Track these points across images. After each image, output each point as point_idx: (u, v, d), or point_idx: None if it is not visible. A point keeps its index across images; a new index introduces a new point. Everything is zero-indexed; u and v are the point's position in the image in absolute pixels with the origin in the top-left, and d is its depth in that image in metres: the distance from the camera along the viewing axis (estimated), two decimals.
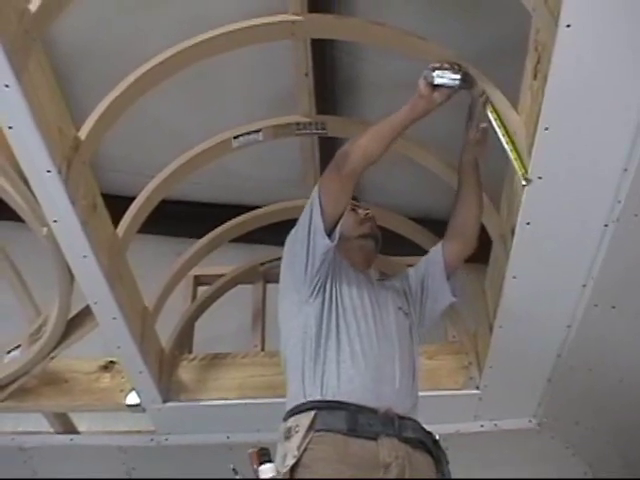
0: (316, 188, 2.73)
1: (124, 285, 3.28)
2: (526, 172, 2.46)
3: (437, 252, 3.02)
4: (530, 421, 3.88)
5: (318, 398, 2.56)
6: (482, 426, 3.92)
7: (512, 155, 2.51)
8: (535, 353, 3.40)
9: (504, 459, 3.96)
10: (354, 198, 3.12)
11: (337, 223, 2.70)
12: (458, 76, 2.56)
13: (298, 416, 2.55)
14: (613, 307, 3.04)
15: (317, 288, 2.74)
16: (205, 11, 3.37)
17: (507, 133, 2.56)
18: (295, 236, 2.80)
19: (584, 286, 2.97)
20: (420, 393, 2.82)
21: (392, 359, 2.70)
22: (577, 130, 2.37)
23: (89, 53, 3.90)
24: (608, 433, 3.77)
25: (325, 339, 2.67)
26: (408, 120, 2.62)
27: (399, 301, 2.94)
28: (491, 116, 2.61)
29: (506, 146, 2.54)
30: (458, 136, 2.84)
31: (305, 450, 2.44)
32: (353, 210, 3.06)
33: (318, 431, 2.48)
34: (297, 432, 2.48)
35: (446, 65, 2.57)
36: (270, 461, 2.50)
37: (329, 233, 2.68)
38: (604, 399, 3.56)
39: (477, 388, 3.71)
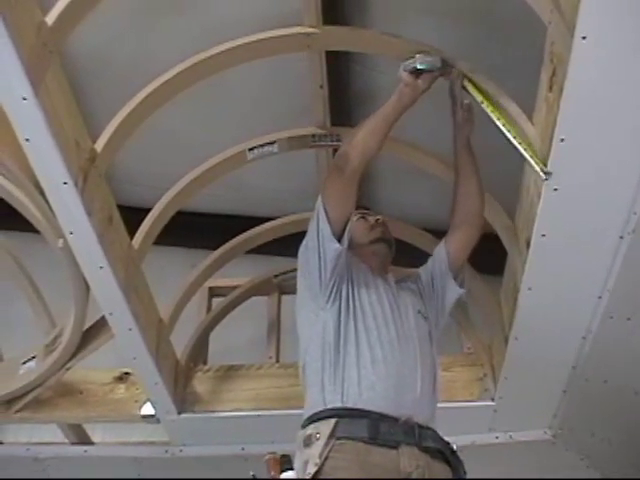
0: (320, 196, 2.75)
1: (139, 296, 3.29)
2: (545, 165, 2.46)
3: (441, 249, 3.02)
4: (545, 433, 3.87)
5: (339, 405, 2.56)
6: (497, 438, 3.91)
7: (520, 145, 2.52)
8: (550, 365, 3.39)
9: (519, 471, 3.94)
10: (365, 207, 3.17)
11: (345, 226, 2.72)
12: (437, 58, 2.65)
13: (318, 423, 2.54)
14: (628, 319, 3.03)
15: (333, 294, 2.74)
16: (219, 24, 3.37)
17: (507, 122, 2.59)
18: (306, 246, 2.81)
19: (599, 298, 2.97)
20: None
21: (414, 366, 2.68)
22: (593, 142, 2.37)
23: (105, 66, 3.91)
24: (623, 445, 3.76)
25: (344, 344, 2.66)
26: (398, 110, 2.69)
27: (418, 304, 2.93)
28: (474, 93, 2.68)
29: (508, 134, 2.56)
30: (477, 149, 2.85)
31: (327, 458, 2.42)
32: (363, 218, 3.08)
33: (339, 439, 2.47)
34: (318, 439, 2.47)
35: (420, 54, 2.66)
36: (291, 468, 2.50)
37: (338, 237, 2.70)
38: (619, 411, 3.55)
39: (492, 400, 3.70)
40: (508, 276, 3.30)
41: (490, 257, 3.46)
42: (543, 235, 2.70)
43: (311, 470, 2.41)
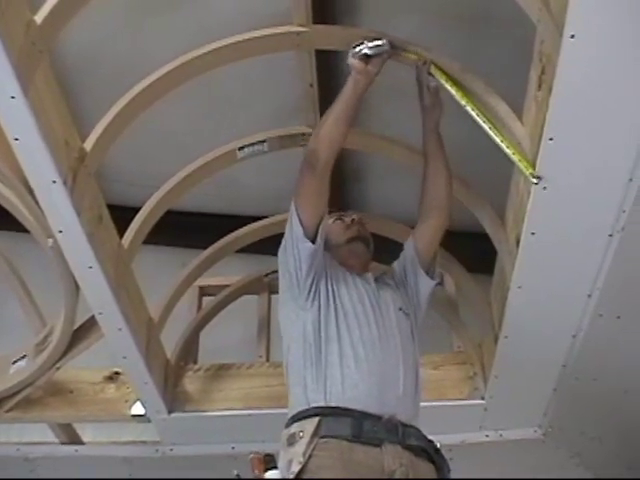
0: (293, 198, 2.79)
1: (129, 296, 3.29)
2: (532, 168, 2.47)
3: (409, 244, 3.05)
4: (535, 431, 3.87)
5: (322, 404, 2.56)
6: (487, 436, 3.91)
7: (504, 146, 2.54)
8: (540, 363, 3.40)
9: (509, 469, 3.94)
10: (340, 209, 3.22)
11: (319, 225, 2.74)
12: (385, 41, 2.69)
13: (301, 422, 2.54)
14: (618, 317, 3.04)
15: (312, 293, 2.76)
16: (210, 23, 3.38)
17: (480, 110, 2.62)
18: (284, 247, 2.84)
19: (589, 296, 2.97)
20: (425, 403, 2.82)
21: (396, 365, 2.68)
22: (582, 140, 2.38)
23: (95, 65, 3.91)
24: (613, 443, 3.77)
25: (326, 343, 2.67)
26: (355, 98, 2.73)
27: (399, 301, 2.93)
28: (442, 79, 2.71)
29: (490, 132, 2.58)
30: (466, 148, 2.85)
31: (310, 457, 2.43)
32: (339, 219, 3.12)
33: (323, 437, 2.47)
34: (302, 438, 2.48)
35: (367, 39, 2.70)
36: (275, 467, 2.50)
37: (312, 237, 2.73)
38: (609, 409, 3.56)
39: (482, 398, 3.70)
40: (498, 275, 3.31)
41: (480, 256, 3.48)
42: (533, 233, 2.70)
43: (295, 469, 2.41)
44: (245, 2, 3.43)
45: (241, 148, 3.41)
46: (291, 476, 2.41)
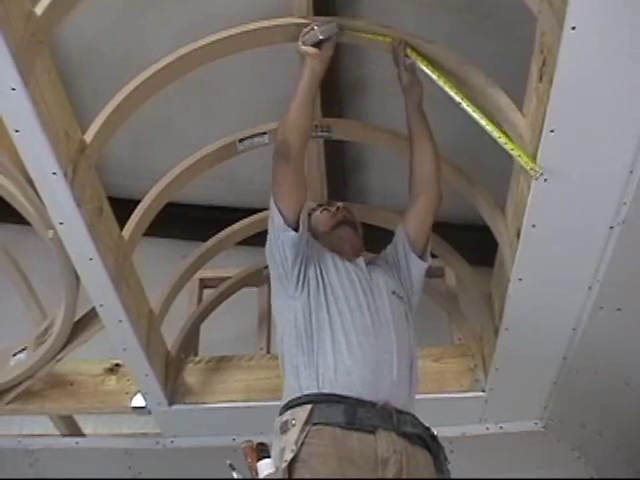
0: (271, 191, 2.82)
1: (130, 288, 3.29)
2: (533, 162, 2.47)
3: (400, 228, 3.06)
4: (536, 424, 3.88)
5: (315, 391, 2.57)
6: (488, 429, 3.92)
7: (499, 137, 2.54)
8: (541, 355, 3.40)
9: (510, 462, 3.95)
10: (326, 203, 3.28)
11: (300, 213, 2.77)
12: (334, 24, 2.80)
13: (294, 410, 2.54)
14: (619, 309, 3.04)
15: (300, 281, 2.78)
16: (210, 15, 3.37)
17: (463, 95, 2.64)
18: (269, 241, 2.87)
19: (590, 288, 2.97)
20: (426, 396, 2.83)
21: (390, 350, 2.68)
22: (583, 132, 2.37)
23: (96, 57, 3.91)
24: (614, 435, 3.77)
25: (318, 330, 2.68)
26: (314, 83, 2.81)
27: (392, 284, 2.93)
28: (420, 63, 2.76)
29: (481, 122, 2.59)
30: (465, 139, 2.85)
31: (303, 444, 2.43)
32: (325, 210, 3.17)
33: (315, 424, 2.47)
34: (294, 426, 2.48)
35: (313, 25, 2.81)
36: (268, 456, 2.49)
37: (294, 226, 2.75)
38: (610, 401, 3.55)
39: (483, 391, 3.71)
40: (498, 267, 3.30)
41: (480, 248, 3.48)
42: (533, 226, 2.70)
43: (287, 457, 2.41)
44: None
45: (241, 140, 3.41)
46: (284, 464, 2.40)
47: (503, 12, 3.26)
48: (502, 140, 2.53)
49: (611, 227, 2.69)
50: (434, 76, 2.70)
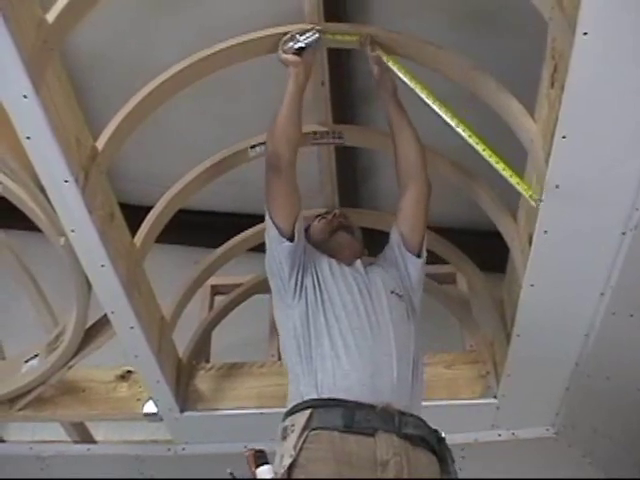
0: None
1: (141, 294, 3.29)
2: (530, 190, 2.48)
3: (393, 227, 3.06)
4: (548, 430, 3.87)
5: (314, 397, 2.58)
6: (500, 435, 3.90)
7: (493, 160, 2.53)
8: (553, 362, 3.39)
9: (522, 468, 3.93)
10: (325, 212, 3.32)
11: (294, 223, 2.80)
12: (314, 31, 2.81)
13: (294, 416, 2.56)
14: (631, 315, 3.03)
15: (298, 291, 2.81)
16: (221, 22, 3.36)
17: (473, 133, 2.61)
18: (267, 254, 2.91)
19: (602, 294, 2.96)
20: (438, 402, 2.82)
21: (389, 352, 2.68)
22: (594, 138, 2.37)
23: (107, 64, 3.91)
24: (626, 442, 3.76)
25: (316, 337, 2.70)
26: (299, 91, 2.83)
27: (391, 283, 2.93)
28: (390, 63, 2.80)
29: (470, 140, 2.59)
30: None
31: (301, 449, 2.43)
32: (323, 218, 3.21)
33: (314, 429, 2.48)
34: (293, 431, 2.49)
35: (294, 34, 2.82)
36: (267, 463, 2.49)
37: (290, 236, 2.79)
38: (622, 408, 3.54)
39: (495, 397, 3.69)
40: (510, 273, 3.30)
41: (492, 254, 3.47)
42: (545, 232, 2.69)
43: (286, 462, 2.42)
44: (256, 1, 3.42)
45: (253, 147, 3.41)
46: (282, 470, 2.41)
47: (514, 18, 3.26)
48: (500, 166, 2.53)
49: (623, 233, 2.68)
50: (396, 69, 2.77)
